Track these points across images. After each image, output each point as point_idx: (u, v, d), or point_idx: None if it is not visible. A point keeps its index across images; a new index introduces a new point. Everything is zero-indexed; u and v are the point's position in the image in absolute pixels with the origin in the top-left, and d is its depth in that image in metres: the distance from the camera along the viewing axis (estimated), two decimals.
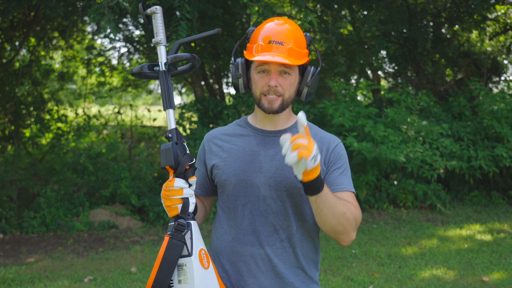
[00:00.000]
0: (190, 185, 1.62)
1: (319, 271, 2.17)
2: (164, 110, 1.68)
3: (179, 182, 1.59)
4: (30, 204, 7.09)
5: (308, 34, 1.76)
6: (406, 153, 7.04)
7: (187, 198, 1.60)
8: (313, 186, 1.54)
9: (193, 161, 1.63)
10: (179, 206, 1.60)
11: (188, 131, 8.03)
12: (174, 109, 1.68)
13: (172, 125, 1.66)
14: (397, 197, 7.57)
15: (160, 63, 1.68)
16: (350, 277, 4.68)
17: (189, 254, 1.55)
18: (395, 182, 7.57)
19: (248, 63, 1.78)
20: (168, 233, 1.57)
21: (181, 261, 1.55)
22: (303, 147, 1.43)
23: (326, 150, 1.77)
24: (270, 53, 1.67)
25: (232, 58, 1.78)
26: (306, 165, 1.45)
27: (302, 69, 1.77)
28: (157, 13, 1.70)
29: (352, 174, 6.91)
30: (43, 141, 9.38)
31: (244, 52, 1.77)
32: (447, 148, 7.49)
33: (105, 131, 10.62)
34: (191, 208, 1.61)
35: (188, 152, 1.64)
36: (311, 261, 1.80)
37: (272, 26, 1.73)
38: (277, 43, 1.68)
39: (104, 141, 10.09)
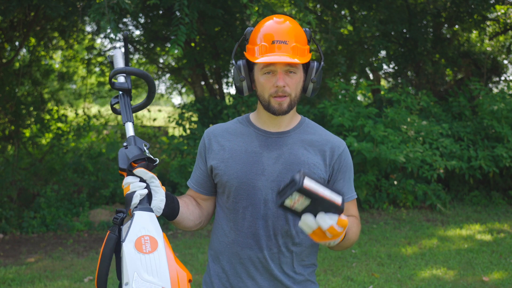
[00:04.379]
0: (142, 180, 1.55)
1: (319, 271, 2.17)
2: (123, 123, 1.67)
3: (126, 179, 1.56)
4: (30, 204, 7.09)
5: (307, 29, 1.73)
6: (406, 153, 7.04)
7: (133, 192, 1.53)
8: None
9: (142, 157, 1.56)
10: None
11: (188, 131, 8.03)
12: (133, 122, 1.66)
13: (130, 133, 1.64)
14: (397, 197, 7.57)
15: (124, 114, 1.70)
16: (350, 277, 4.67)
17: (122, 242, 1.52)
18: (395, 182, 7.56)
19: (250, 65, 1.74)
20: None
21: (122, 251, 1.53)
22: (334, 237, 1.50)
23: (331, 154, 1.76)
24: (275, 53, 1.64)
25: (233, 61, 1.74)
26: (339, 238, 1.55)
27: (306, 65, 1.74)
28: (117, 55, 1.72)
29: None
30: (43, 141, 9.38)
31: (245, 53, 1.73)
32: (447, 148, 7.48)
33: (105, 131, 10.63)
34: (135, 200, 1.53)
35: (141, 151, 1.58)
36: (310, 264, 1.80)
37: (273, 25, 1.69)
38: (281, 42, 1.64)
39: (104, 141, 10.10)
